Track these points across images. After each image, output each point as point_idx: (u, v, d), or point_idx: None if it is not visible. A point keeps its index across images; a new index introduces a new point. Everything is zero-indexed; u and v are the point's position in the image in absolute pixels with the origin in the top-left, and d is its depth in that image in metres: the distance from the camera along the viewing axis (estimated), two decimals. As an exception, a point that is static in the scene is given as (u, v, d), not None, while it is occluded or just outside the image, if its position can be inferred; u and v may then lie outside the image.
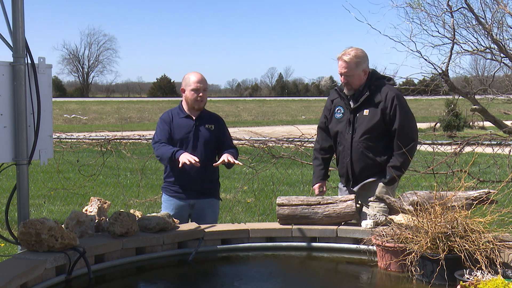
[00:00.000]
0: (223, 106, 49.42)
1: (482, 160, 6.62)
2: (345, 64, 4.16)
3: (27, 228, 3.05)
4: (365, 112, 4.17)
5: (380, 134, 4.16)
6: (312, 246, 3.83)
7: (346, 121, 4.25)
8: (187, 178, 4.34)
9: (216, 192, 4.57)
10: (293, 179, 9.98)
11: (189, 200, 4.41)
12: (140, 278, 3.45)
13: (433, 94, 8.69)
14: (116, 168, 10.32)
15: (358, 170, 4.22)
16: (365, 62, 4.20)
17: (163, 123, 4.43)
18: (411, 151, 4.15)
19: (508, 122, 8.85)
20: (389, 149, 4.16)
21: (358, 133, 4.18)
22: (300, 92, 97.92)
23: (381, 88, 4.17)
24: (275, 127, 27.15)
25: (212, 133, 4.43)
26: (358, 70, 4.16)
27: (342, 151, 4.29)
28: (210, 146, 4.40)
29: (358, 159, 4.20)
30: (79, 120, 37.55)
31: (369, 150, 4.17)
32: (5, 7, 3.32)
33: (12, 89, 3.28)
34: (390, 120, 4.12)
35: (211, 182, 4.50)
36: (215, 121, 4.52)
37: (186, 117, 4.43)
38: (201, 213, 4.42)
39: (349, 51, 4.19)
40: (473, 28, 8.25)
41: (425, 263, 3.06)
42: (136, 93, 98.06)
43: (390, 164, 4.12)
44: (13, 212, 5.58)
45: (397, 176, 4.09)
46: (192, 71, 4.47)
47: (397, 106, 4.10)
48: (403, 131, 4.11)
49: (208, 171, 4.36)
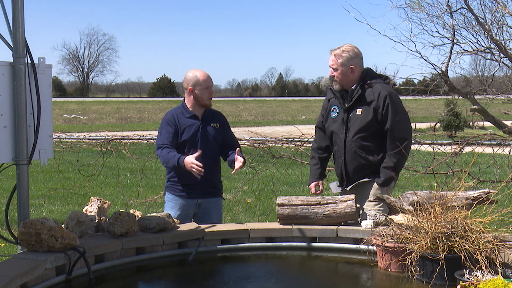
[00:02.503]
0: (223, 106, 49.40)
1: (482, 160, 6.62)
2: (332, 57, 4.18)
3: (27, 228, 3.05)
4: (358, 111, 4.14)
5: (373, 134, 4.13)
6: (312, 246, 3.82)
7: (340, 120, 4.23)
8: (193, 178, 4.20)
9: (221, 191, 4.57)
10: (293, 179, 9.98)
11: (196, 199, 4.37)
12: (140, 278, 3.45)
13: (433, 94, 8.69)
14: (116, 168, 10.33)
15: (351, 170, 4.20)
16: (354, 59, 4.16)
17: (167, 125, 4.35)
18: (405, 150, 4.08)
19: (508, 122, 8.84)
20: (383, 149, 4.13)
21: (351, 133, 4.16)
22: (300, 92, 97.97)
23: (374, 87, 4.13)
24: (275, 127, 27.17)
25: (218, 131, 4.41)
26: (344, 66, 4.13)
27: (337, 151, 4.29)
28: (217, 144, 4.38)
29: (351, 158, 4.18)
30: (79, 120, 37.55)
31: (362, 149, 4.14)
32: (5, 7, 3.32)
33: (12, 89, 3.28)
34: (382, 119, 4.08)
35: (218, 181, 4.49)
36: (219, 118, 4.49)
37: (192, 116, 4.37)
38: (207, 212, 4.40)
39: (341, 46, 4.21)
40: (472, 28, 8.25)
41: (425, 263, 3.06)
42: (136, 93, 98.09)
43: (384, 165, 4.10)
44: (13, 212, 5.59)
45: (391, 177, 4.07)
46: (194, 69, 4.42)
47: (389, 105, 4.05)
48: (396, 131, 4.06)
49: (215, 170, 4.36)
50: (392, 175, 4.07)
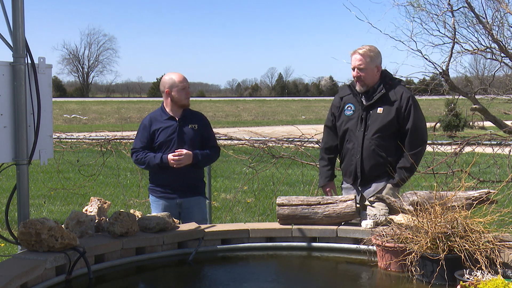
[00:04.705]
0: (223, 106, 49.41)
1: (482, 160, 6.61)
2: (359, 57, 4.16)
3: (27, 228, 3.05)
4: (379, 110, 4.16)
5: (392, 133, 4.16)
6: (312, 246, 3.82)
7: (357, 118, 4.22)
8: (171, 178, 4.42)
9: (202, 190, 4.66)
10: (293, 179, 9.97)
11: (175, 199, 4.48)
12: (140, 278, 3.45)
13: (434, 93, 8.69)
14: (116, 168, 10.31)
15: (368, 168, 4.20)
16: (379, 58, 4.22)
17: (142, 130, 4.53)
18: (421, 152, 4.18)
19: (508, 122, 8.84)
20: (400, 149, 4.15)
21: (370, 131, 4.17)
22: (300, 92, 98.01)
23: (395, 88, 4.19)
24: (275, 127, 27.16)
25: (196, 132, 4.50)
26: (372, 65, 4.16)
27: (351, 149, 4.26)
28: (194, 145, 4.46)
29: (369, 157, 4.18)
30: (79, 120, 37.55)
31: (380, 148, 4.16)
32: (5, 7, 3.32)
33: (12, 89, 3.28)
34: (404, 120, 4.13)
35: (197, 180, 4.59)
36: (198, 120, 4.59)
37: (169, 118, 4.50)
38: (190, 211, 4.48)
39: (363, 46, 4.22)
40: (473, 27, 8.26)
41: (425, 263, 3.06)
42: (136, 93, 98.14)
43: (400, 165, 4.12)
44: (13, 212, 5.58)
45: (407, 177, 4.09)
46: (170, 72, 4.58)
47: (411, 106, 4.12)
48: (416, 132, 4.12)
49: (193, 170, 4.45)
50: (407, 176, 4.11)
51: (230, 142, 7.31)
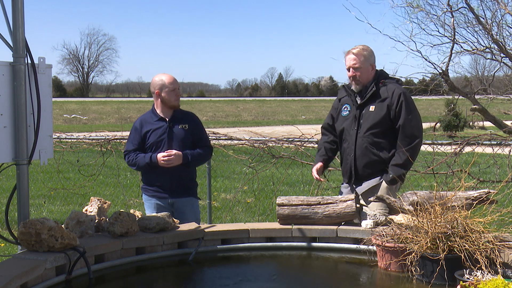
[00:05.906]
0: (223, 106, 49.41)
1: (482, 160, 6.61)
2: (353, 56, 4.19)
3: (27, 228, 3.05)
4: (371, 108, 4.18)
5: (385, 131, 4.16)
6: (312, 246, 3.82)
7: (352, 117, 4.25)
8: (164, 178, 4.43)
9: (194, 191, 4.66)
10: (293, 179, 9.97)
11: (168, 199, 4.49)
12: (140, 278, 3.45)
13: (433, 94, 8.69)
14: (116, 168, 10.30)
15: (361, 166, 4.20)
16: (372, 56, 4.24)
17: (134, 133, 4.58)
18: (415, 148, 4.13)
19: (508, 122, 8.85)
20: (393, 146, 4.15)
21: (363, 129, 4.18)
22: (300, 92, 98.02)
23: (388, 86, 4.20)
24: (275, 127, 27.17)
25: (187, 132, 4.51)
26: (366, 64, 4.19)
27: (346, 148, 4.29)
28: (185, 145, 4.47)
29: (362, 154, 4.19)
30: (79, 120, 37.55)
31: (373, 146, 4.16)
32: (5, 7, 3.32)
33: (12, 89, 3.28)
34: (395, 117, 4.12)
35: (189, 180, 4.58)
36: (189, 120, 4.60)
37: (159, 119, 4.52)
38: (182, 212, 4.47)
39: (357, 46, 4.25)
40: (473, 27, 8.27)
41: (425, 263, 3.06)
42: (136, 93, 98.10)
43: (393, 163, 4.11)
44: (13, 212, 5.58)
45: (400, 175, 4.08)
46: (160, 74, 4.58)
47: (402, 102, 4.11)
48: (407, 128, 4.10)
49: (184, 170, 4.45)
50: (400, 173, 4.08)
51: (230, 142, 7.31)
